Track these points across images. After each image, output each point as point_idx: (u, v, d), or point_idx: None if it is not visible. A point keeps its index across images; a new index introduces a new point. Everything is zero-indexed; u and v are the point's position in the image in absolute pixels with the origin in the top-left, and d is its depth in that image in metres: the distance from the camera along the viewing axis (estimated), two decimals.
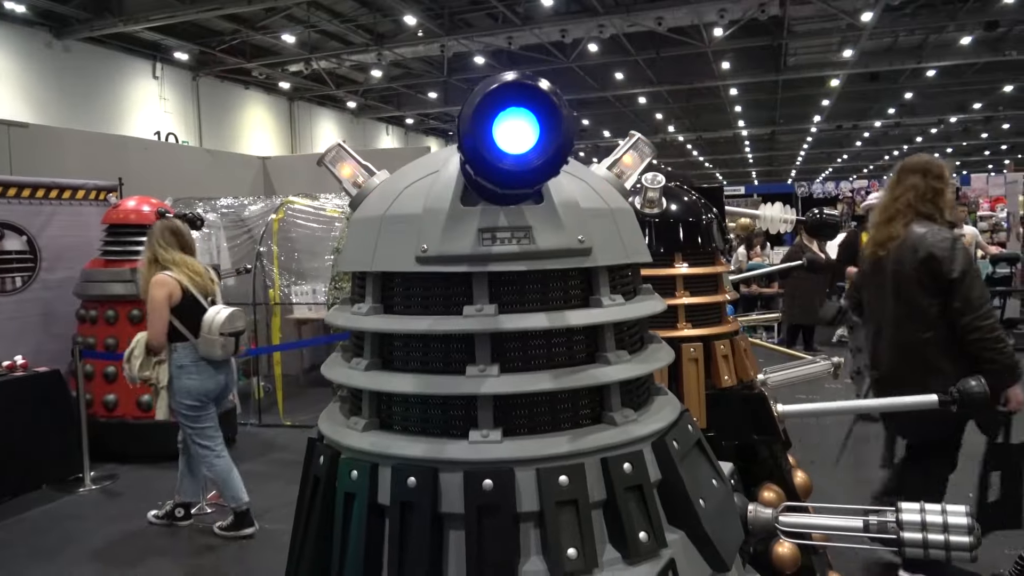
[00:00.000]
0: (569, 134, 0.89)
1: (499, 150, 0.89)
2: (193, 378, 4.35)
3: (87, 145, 8.61)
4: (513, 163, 0.88)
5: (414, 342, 1.15)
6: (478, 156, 0.88)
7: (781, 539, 2.04)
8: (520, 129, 0.89)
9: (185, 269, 4.40)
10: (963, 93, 23.17)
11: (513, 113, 0.88)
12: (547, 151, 0.88)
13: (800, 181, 23.22)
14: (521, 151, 0.89)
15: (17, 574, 4.15)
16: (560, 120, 0.88)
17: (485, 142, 0.88)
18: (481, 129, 0.87)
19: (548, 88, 0.89)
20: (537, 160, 0.88)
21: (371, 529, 1.10)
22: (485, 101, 0.87)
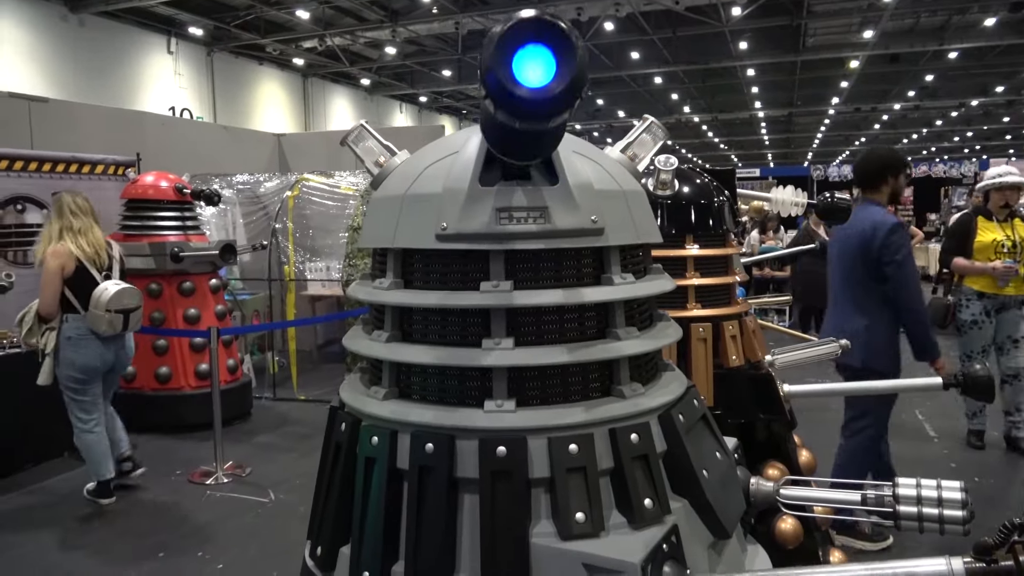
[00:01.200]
0: (583, 69, 0.93)
1: (516, 80, 0.93)
2: (79, 351, 4.43)
3: (105, 120, 8.68)
4: (531, 92, 0.93)
5: (432, 315, 1.21)
6: (499, 86, 0.93)
7: (783, 515, 2.11)
8: (539, 62, 0.94)
9: (83, 241, 4.46)
10: (985, 76, 22.81)
11: (532, 50, 0.93)
12: (562, 82, 0.92)
13: (816, 164, 23.02)
14: (539, 83, 0.93)
15: (37, 539, 4.28)
16: (575, 55, 0.93)
17: (505, 73, 0.92)
18: (502, 61, 0.92)
19: (565, 26, 0.93)
20: (554, 89, 0.93)
21: (390, 492, 1.16)
22: (507, 34, 0.92)
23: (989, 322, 5.17)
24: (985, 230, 5.23)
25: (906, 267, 3.50)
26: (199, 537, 4.24)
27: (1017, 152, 32.50)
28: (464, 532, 1.12)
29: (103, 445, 4.62)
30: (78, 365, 4.45)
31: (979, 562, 0.93)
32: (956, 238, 5.44)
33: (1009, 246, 5.15)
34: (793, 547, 2.11)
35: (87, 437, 4.56)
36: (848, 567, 1.02)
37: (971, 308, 5.20)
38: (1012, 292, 5.14)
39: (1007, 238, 5.17)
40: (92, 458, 4.59)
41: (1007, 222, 5.25)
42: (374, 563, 1.15)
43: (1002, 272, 5.05)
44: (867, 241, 3.51)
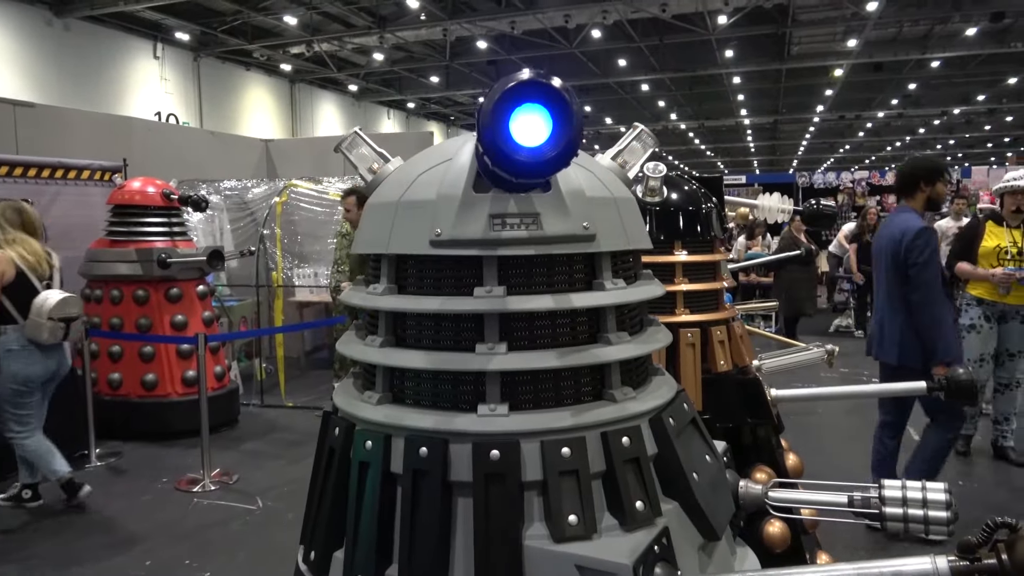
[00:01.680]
0: (579, 129, 0.95)
1: (515, 143, 0.95)
2: (19, 362, 4.36)
3: (92, 125, 8.63)
4: (528, 155, 0.95)
5: (426, 320, 1.22)
6: (496, 148, 0.94)
7: (771, 519, 2.13)
8: (534, 123, 0.95)
9: (22, 250, 4.39)
10: (967, 85, 23.13)
11: (529, 108, 0.95)
12: (559, 144, 0.95)
13: (801, 171, 23.21)
14: (535, 144, 0.95)
15: (24, 546, 4.24)
16: (571, 116, 0.95)
17: (503, 135, 0.94)
18: (499, 123, 0.94)
19: (561, 86, 0.95)
20: (550, 152, 0.95)
21: (384, 496, 1.17)
22: (504, 97, 0.94)
23: (989, 328, 5.04)
24: (992, 235, 5.01)
25: (927, 270, 3.60)
26: (186, 545, 4.20)
27: (999, 160, 32.94)
28: (458, 535, 1.13)
29: (45, 444, 4.57)
30: (20, 377, 4.38)
31: (963, 560, 0.95)
32: (963, 241, 5.24)
33: (1014, 252, 4.91)
34: (781, 550, 2.13)
35: (28, 443, 4.51)
36: (836, 567, 1.04)
37: (970, 313, 5.10)
38: (1013, 302, 4.94)
39: (1012, 244, 4.93)
40: (42, 461, 4.55)
41: (1018, 228, 5.02)
42: (368, 567, 1.16)
43: (1001, 279, 4.86)
44: (897, 244, 3.68)
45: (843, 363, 6.44)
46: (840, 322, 11.62)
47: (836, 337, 10.65)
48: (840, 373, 6.80)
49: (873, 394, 2.54)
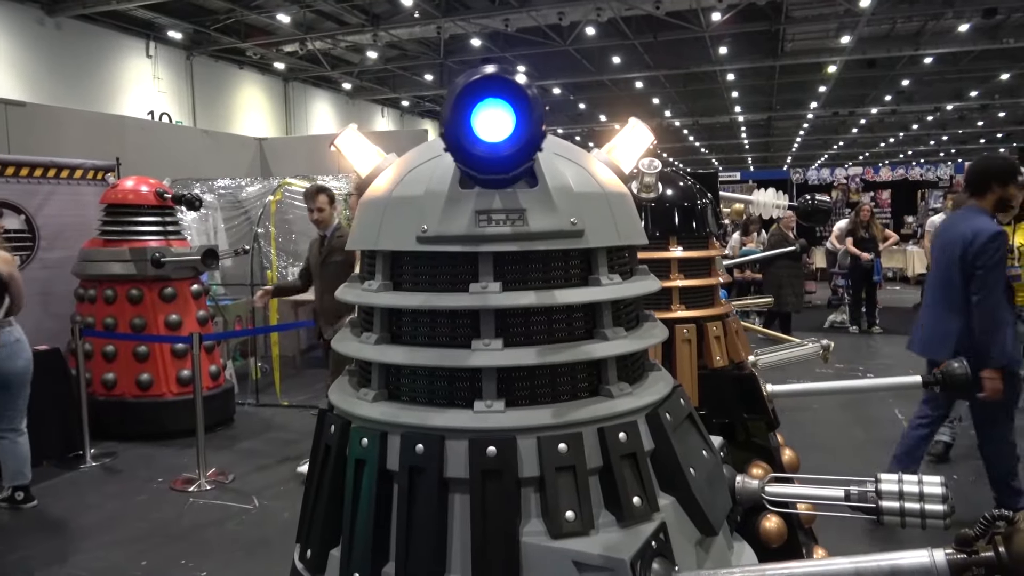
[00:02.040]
0: (540, 126, 0.95)
1: (475, 138, 0.95)
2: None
3: (84, 124, 8.59)
4: (487, 150, 0.94)
5: (421, 317, 1.21)
6: (457, 143, 0.94)
7: (767, 514, 2.13)
8: (497, 118, 0.94)
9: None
10: (960, 81, 23.21)
11: (491, 103, 0.94)
12: (520, 141, 0.94)
13: (796, 168, 23.28)
14: (496, 139, 0.94)
15: (20, 548, 4.22)
16: (533, 112, 0.94)
17: (463, 130, 0.94)
18: (460, 118, 0.93)
19: (523, 82, 0.94)
20: (509, 149, 0.94)
21: (380, 493, 1.17)
22: (464, 92, 0.93)
23: None
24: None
25: (994, 273, 3.56)
26: (182, 545, 4.19)
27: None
28: (455, 532, 1.13)
29: None
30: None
31: (960, 553, 0.95)
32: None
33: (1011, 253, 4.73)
34: (777, 545, 2.14)
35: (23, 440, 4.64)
36: (833, 560, 1.03)
37: None
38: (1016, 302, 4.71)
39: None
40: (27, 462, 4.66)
41: (1011, 225, 4.82)
42: (364, 564, 1.16)
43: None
44: (967, 245, 3.60)
45: (838, 359, 6.46)
46: (835, 318, 11.64)
47: (831, 333, 10.68)
48: (835, 369, 6.82)
49: (868, 389, 2.55)
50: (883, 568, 0.99)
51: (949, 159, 31.42)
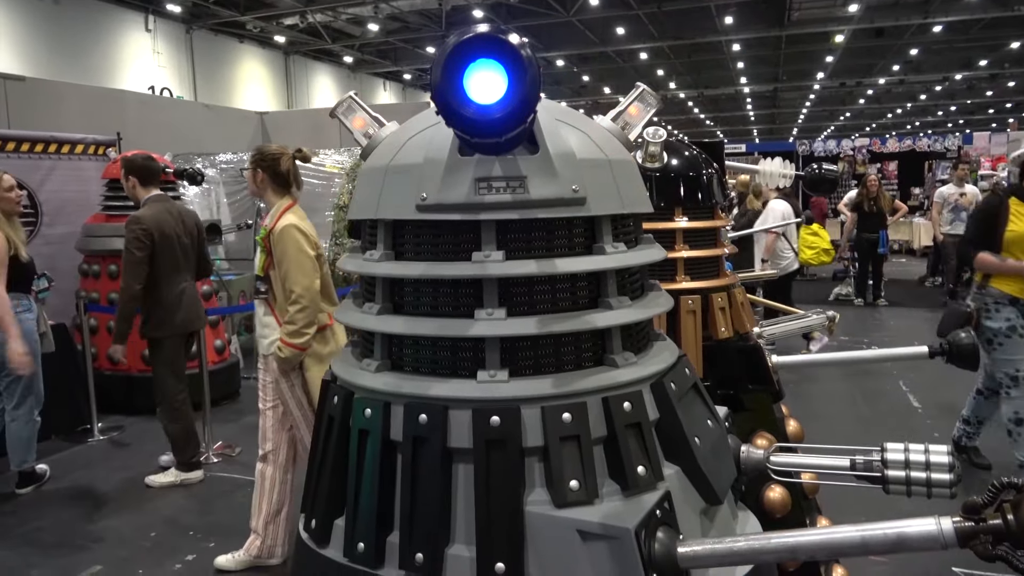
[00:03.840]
0: (535, 87, 0.92)
1: (466, 99, 0.92)
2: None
3: (84, 99, 8.53)
4: (477, 111, 0.92)
5: (424, 287, 1.20)
6: (446, 104, 0.92)
7: (771, 484, 2.13)
8: (490, 79, 0.92)
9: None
10: (969, 50, 22.86)
11: (484, 64, 0.91)
12: (512, 102, 0.91)
13: (802, 139, 23.06)
14: (488, 101, 0.92)
15: (29, 521, 4.27)
16: (527, 73, 0.91)
17: (453, 91, 0.91)
18: (450, 78, 0.90)
19: (517, 42, 0.91)
20: (502, 111, 0.91)
21: (384, 464, 1.17)
22: (455, 51, 0.90)
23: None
24: (1019, 216, 4.01)
25: None
26: (190, 517, 4.24)
27: (1000, 126, 32.70)
28: (459, 502, 1.13)
29: None
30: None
31: (968, 521, 0.94)
32: (982, 224, 4.17)
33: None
34: (781, 516, 2.14)
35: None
36: (839, 528, 1.03)
37: (1003, 314, 4.08)
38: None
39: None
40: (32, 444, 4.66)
41: None
42: (369, 534, 1.16)
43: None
44: None
45: (843, 331, 6.45)
46: (840, 290, 11.62)
47: (836, 305, 10.66)
48: (840, 341, 6.81)
49: (874, 359, 2.53)
50: (889, 536, 0.98)
51: (957, 130, 31.07)
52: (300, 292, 3.21)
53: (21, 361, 4.19)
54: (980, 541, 0.92)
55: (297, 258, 3.23)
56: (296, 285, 3.22)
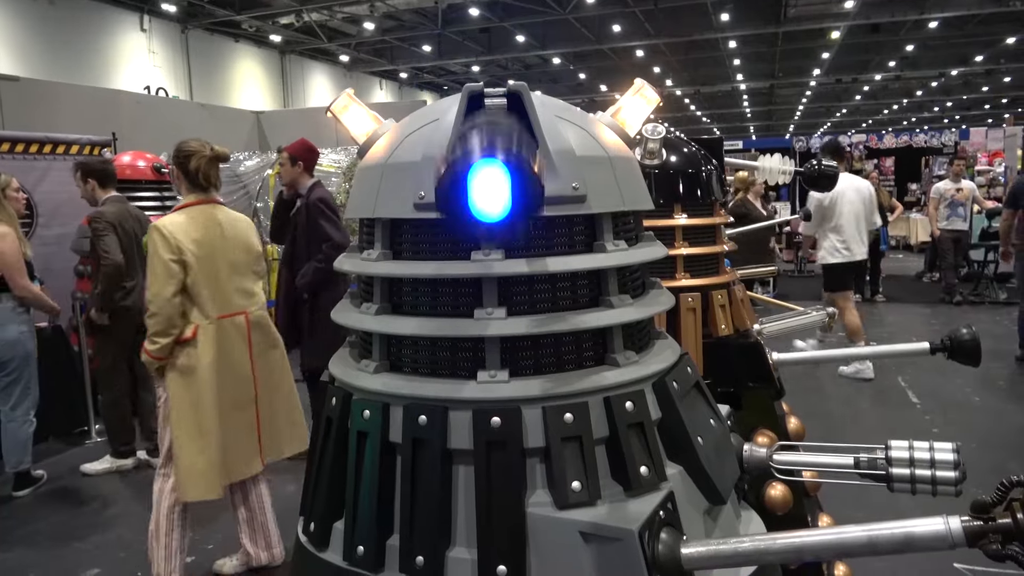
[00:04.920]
0: (540, 189, 0.92)
1: (474, 217, 0.91)
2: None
3: (79, 99, 8.51)
4: (488, 223, 0.92)
5: (423, 286, 1.18)
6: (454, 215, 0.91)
7: (772, 482, 2.12)
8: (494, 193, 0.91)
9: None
10: (965, 45, 22.89)
11: (487, 174, 0.90)
12: (520, 210, 0.91)
13: (798, 136, 23.06)
14: (494, 214, 0.91)
15: (27, 523, 4.25)
16: (532, 181, 0.90)
17: (461, 203, 0.90)
18: (457, 190, 0.90)
19: (519, 151, 0.90)
20: (510, 217, 0.91)
21: (383, 465, 1.15)
22: (461, 165, 0.90)
23: None
24: None
25: None
26: (190, 516, 4.21)
27: (996, 122, 32.75)
28: (459, 503, 1.11)
29: None
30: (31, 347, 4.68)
31: (976, 520, 0.93)
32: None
33: None
34: (783, 513, 2.13)
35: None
36: (845, 528, 1.02)
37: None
38: None
39: None
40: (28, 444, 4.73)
41: None
42: (368, 537, 1.14)
43: None
44: None
45: (842, 327, 6.45)
46: None
47: None
48: (839, 337, 6.81)
49: (875, 355, 2.53)
50: (897, 536, 0.97)
51: (953, 126, 31.11)
52: (150, 298, 3.10)
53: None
54: (989, 540, 0.91)
55: (152, 261, 3.11)
56: (148, 290, 3.13)
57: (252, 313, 3.43)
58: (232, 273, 3.34)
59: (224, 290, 3.29)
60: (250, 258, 3.48)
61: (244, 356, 3.35)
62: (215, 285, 3.25)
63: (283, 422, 3.53)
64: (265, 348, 3.47)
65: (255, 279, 3.51)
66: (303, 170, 4.82)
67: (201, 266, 3.20)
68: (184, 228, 3.18)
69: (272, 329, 3.56)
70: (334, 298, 5.02)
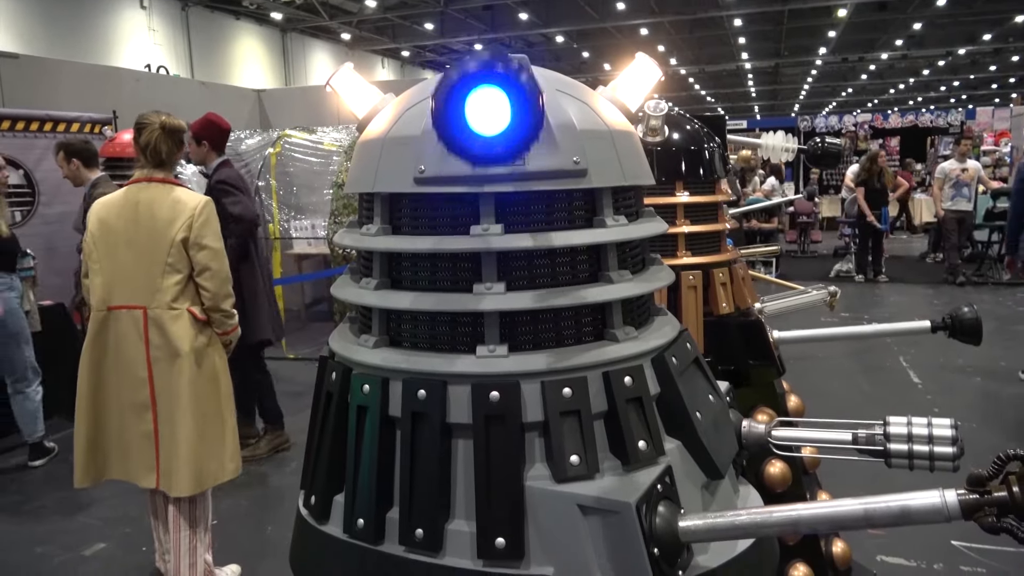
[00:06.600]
0: (539, 114, 0.90)
1: (471, 134, 0.90)
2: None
3: (79, 77, 8.46)
4: (486, 143, 0.90)
5: (422, 261, 1.18)
6: (452, 137, 0.90)
7: (771, 459, 2.14)
8: (492, 111, 0.89)
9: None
10: (973, 24, 22.62)
11: (486, 92, 0.89)
12: (520, 128, 0.89)
13: (803, 115, 22.90)
14: (492, 133, 0.90)
15: (34, 499, 4.29)
16: (532, 98, 0.89)
17: (459, 122, 0.89)
18: (454, 109, 0.89)
19: (520, 66, 0.89)
20: (510, 138, 0.89)
21: (383, 439, 1.15)
22: (459, 82, 0.88)
23: None
24: None
25: None
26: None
27: (1003, 102, 32.46)
28: (459, 477, 1.12)
29: None
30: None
31: (972, 493, 0.93)
32: None
33: None
34: (781, 490, 2.15)
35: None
36: (842, 501, 1.02)
37: None
38: None
39: None
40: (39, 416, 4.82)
41: None
42: (368, 511, 1.15)
43: None
44: None
45: (843, 307, 6.44)
46: (840, 267, 11.60)
47: (837, 282, 10.65)
48: (840, 317, 6.81)
49: (876, 334, 2.53)
50: (893, 509, 0.98)
51: (960, 105, 30.84)
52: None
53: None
54: (985, 513, 0.91)
55: None
56: None
57: (151, 310, 2.93)
58: (136, 262, 2.94)
59: (123, 279, 2.95)
60: (159, 248, 2.93)
61: (140, 355, 2.94)
62: (111, 271, 2.95)
63: (185, 452, 2.93)
64: (166, 355, 2.94)
65: (167, 273, 2.95)
66: (209, 149, 4.64)
67: (99, 249, 2.96)
68: (103, 206, 2.99)
69: (178, 337, 2.95)
70: (252, 271, 4.82)
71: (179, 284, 2.96)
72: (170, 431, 2.95)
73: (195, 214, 2.97)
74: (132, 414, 2.98)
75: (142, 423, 2.97)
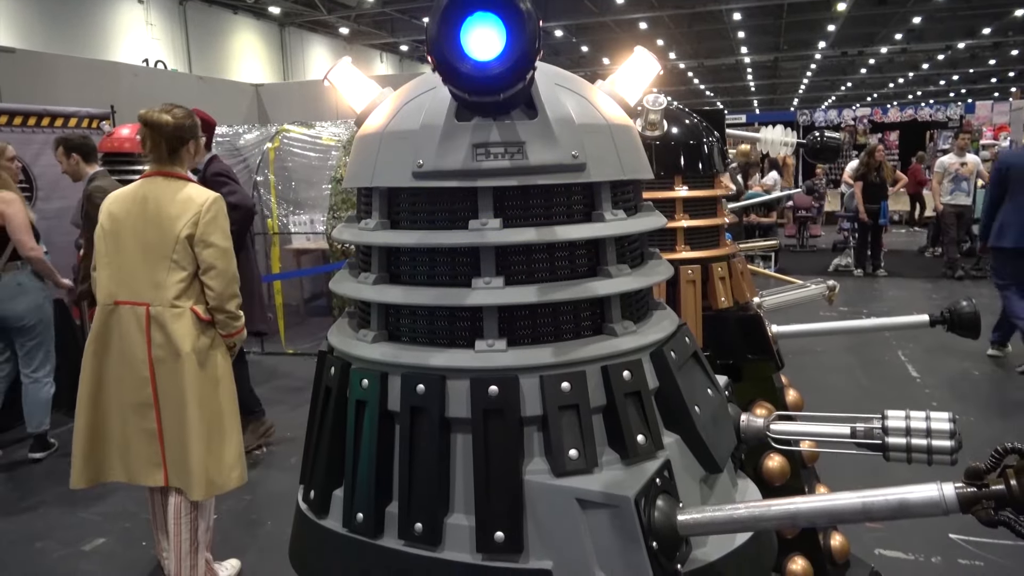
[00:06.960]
0: (535, 41, 0.89)
1: (464, 54, 0.89)
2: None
3: (77, 72, 8.44)
4: (475, 68, 0.89)
5: (420, 256, 1.18)
6: (443, 61, 0.89)
7: (769, 453, 2.14)
8: (488, 33, 0.89)
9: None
10: (973, 18, 22.58)
11: (481, 18, 0.88)
12: (511, 57, 0.89)
13: (802, 109, 22.85)
14: (487, 58, 0.89)
15: (33, 493, 4.30)
16: (526, 25, 0.88)
17: (450, 48, 0.88)
18: (447, 33, 0.88)
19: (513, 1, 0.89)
20: (500, 67, 0.89)
21: (382, 434, 1.16)
22: (452, 4, 0.88)
23: None
24: None
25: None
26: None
27: (1003, 95, 32.42)
28: (458, 472, 1.12)
29: None
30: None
31: (970, 487, 0.93)
32: None
33: None
34: (780, 484, 2.15)
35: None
36: (840, 495, 1.02)
37: None
38: None
39: None
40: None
41: None
42: (368, 505, 1.15)
43: None
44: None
45: (842, 302, 6.45)
46: (839, 261, 11.60)
47: (836, 276, 10.65)
48: (839, 312, 6.81)
49: (875, 328, 2.53)
50: (891, 502, 0.98)
51: (959, 99, 30.83)
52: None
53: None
54: (982, 507, 0.92)
55: None
56: None
57: (154, 308, 2.88)
58: (141, 257, 2.90)
59: (129, 274, 2.91)
60: (164, 244, 2.88)
61: (142, 353, 2.88)
62: (118, 266, 2.92)
63: (197, 455, 2.89)
64: (168, 354, 2.88)
65: (171, 270, 2.89)
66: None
67: (107, 243, 2.93)
68: (113, 200, 2.96)
69: (179, 336, 2.88)
70: (249, 262, 4.76)
71: (183, 282, 2.89)
72: (178, 432, 2.89)
73: (202, 211, 2.90)
74: (134, 412, 2.93)
75: (145, 421, 2.91)
